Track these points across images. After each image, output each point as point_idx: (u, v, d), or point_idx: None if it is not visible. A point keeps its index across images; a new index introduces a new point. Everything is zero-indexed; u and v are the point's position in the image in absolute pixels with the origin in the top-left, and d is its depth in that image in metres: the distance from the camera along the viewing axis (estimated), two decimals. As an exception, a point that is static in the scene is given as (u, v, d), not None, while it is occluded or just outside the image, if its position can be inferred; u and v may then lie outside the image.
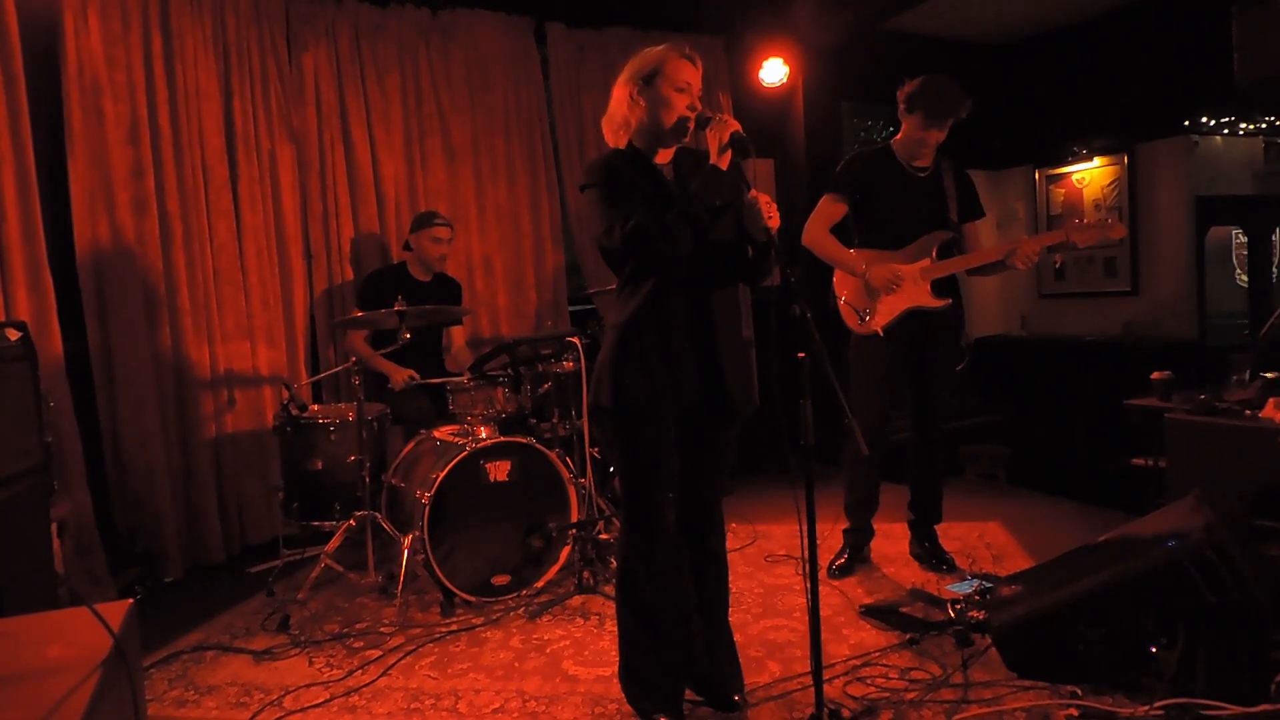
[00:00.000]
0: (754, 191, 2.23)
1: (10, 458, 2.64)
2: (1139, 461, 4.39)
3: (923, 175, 3.59)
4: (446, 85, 5.09)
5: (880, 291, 3.51)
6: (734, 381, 2.46)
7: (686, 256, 2.33)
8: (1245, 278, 6.22)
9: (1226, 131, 5.82)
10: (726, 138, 2.31)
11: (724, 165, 2.31)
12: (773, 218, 2.22)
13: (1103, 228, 3.43)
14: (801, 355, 2.19)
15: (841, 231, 3.67)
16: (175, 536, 4.19)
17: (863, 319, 3.57)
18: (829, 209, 3.64)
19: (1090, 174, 6.22)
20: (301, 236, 4.72)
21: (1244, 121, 5.80)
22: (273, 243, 4.62)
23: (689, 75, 2.39)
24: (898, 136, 3.62)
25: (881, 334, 3.54)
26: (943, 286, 3.57)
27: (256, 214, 4.54)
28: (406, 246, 4.59)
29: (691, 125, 2.40)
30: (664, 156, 2.48)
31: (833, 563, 3.73)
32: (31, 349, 2.83)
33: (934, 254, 3.55)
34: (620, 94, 2.44)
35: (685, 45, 2.42)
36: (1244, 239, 6.21)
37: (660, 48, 2.41)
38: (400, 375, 4.23)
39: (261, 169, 4.56)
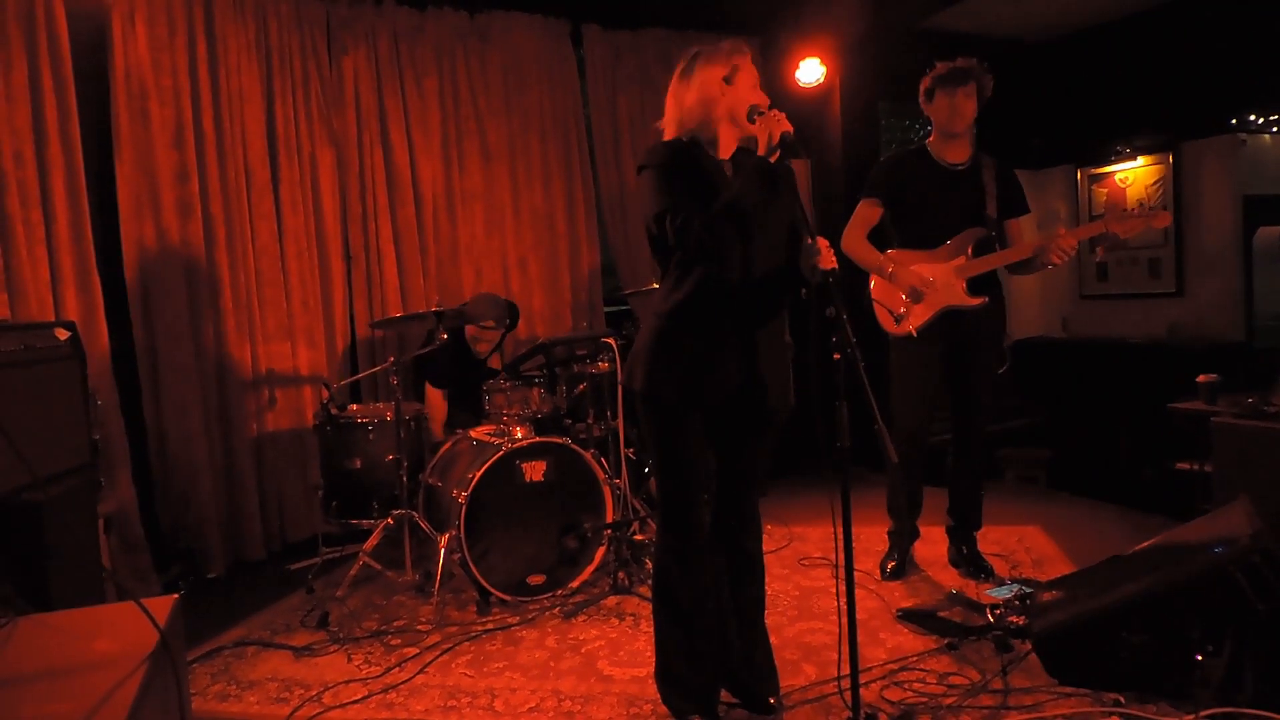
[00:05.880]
0: (813, 238, 2.23)
1: (60, 455, 2.70)
2: (1184, 466, 4.31)
3: (958, 170, 3.53)
4: (483, 87, 5.12)
5: (908, 296, 3.48)
6: (771, 382, 2.42)
7: (737, 257, 2.33)
8: (1295, 279, 6.08)
9: (1275, 130, 5.68)
10: (777, 138, 2.29)
11: (771, 161, 2.31)
12: (829, 260, 2.21)
13: (1147, 216, 3.32)
14: (837, 356, 2.17)
15: (883, 233, 3.64)
16: (217, 533, 4.26)
17: (897, 320, 3.53)
18: (865, 213, 3.63)
19: (1134, 173, 6.10)
20: (341, 238, 4.79)
21: (1293, 119, 5.67)
22: (313, 244, 4.68)
23: (757, 77, 2.46)
24: (931, 136, 3.59)
25: (915, 334, 3.48)
26: (979, 285, 3.48)
27: (297, 216, 4.61)
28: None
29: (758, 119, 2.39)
30: (724, 154, 2.46)
31: (884, 563, 3.72)
32: (80, 348, 2.89)
33: (969, 252, 3.47)
34: (711, 80, 2.39)
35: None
36: (1293, 239, 6.07)
37: (729, 44, 2.43)
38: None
39: (302, 172, 4.63)
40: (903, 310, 3.51)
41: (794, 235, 2.46)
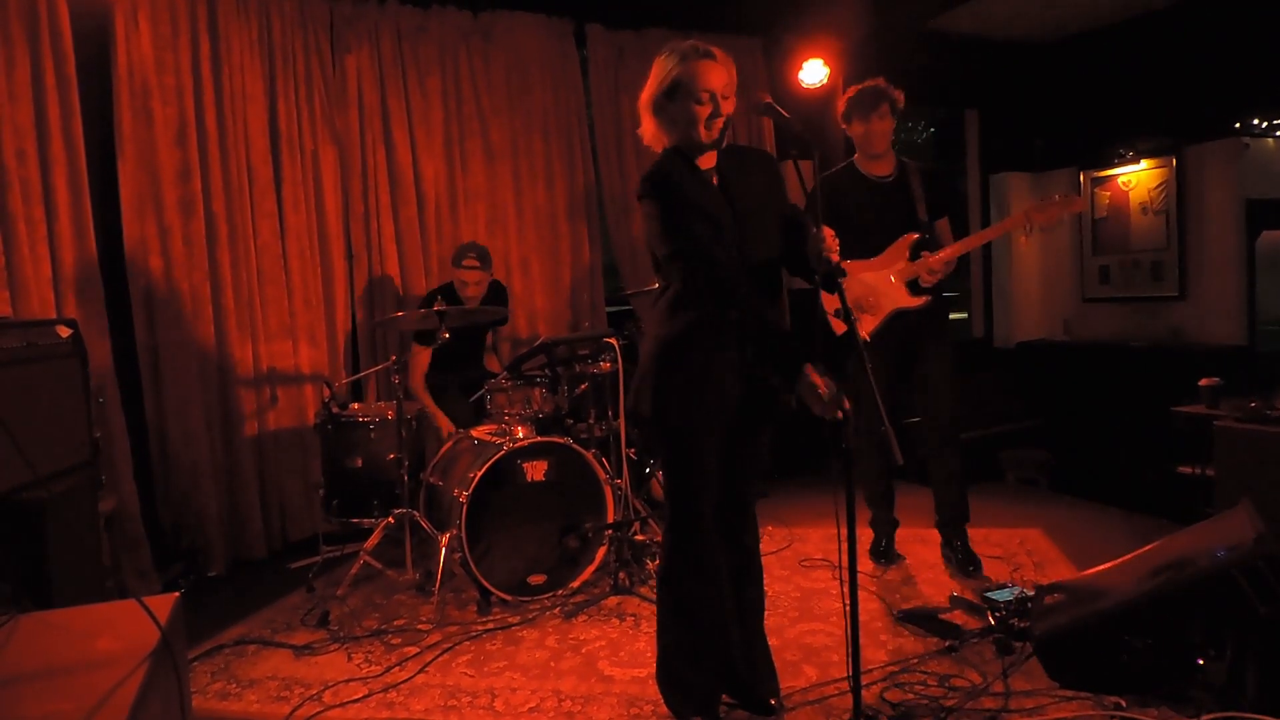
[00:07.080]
0: (818, 227, 2.24)
1: (61, 453, 2.70)
2: (1186, 469, 4.30)
3: (886, 182, 3.73)
4: (486, 87, 5.12)
5: (860, 305, 3.67)
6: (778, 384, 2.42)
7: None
8: (1298, 283, 6.07)
9: (1279, 134, 5.68)
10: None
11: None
12: (833, 250, 2.24)
13: (1063, 204, 3.56)
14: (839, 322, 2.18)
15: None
16: (218, 532, 4.26)
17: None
18: None
19: (1137, 177, 6.10)
20: (343, 237, 4.78)
21: (1297, 123, 5.67)
22: (315, 243, 4.68)
23: (710, 81, 2.32)
24: (856, 154, 3.79)
25: (869, 340, 3.64)
26: (919, 285, 3.66)
27: (299, 215, 4.61)
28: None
29: (717, 132, 2.36)
30: (707, 161, 2.43)
31: (874, 547, 3.88)
32: (81, 346, 2.89)
33: (905, 255, 3.65)
34: (645, 112, 2.43)
35: (702, 44, 2.35)
36: (1296, 243, 6.06)
37: (676, 54, 2.34)
38: (447, 429, 4.31)
39: (305, 170, 4.63)
40: (854, 318, 3.61)
41: (787, 225, 2.46)
